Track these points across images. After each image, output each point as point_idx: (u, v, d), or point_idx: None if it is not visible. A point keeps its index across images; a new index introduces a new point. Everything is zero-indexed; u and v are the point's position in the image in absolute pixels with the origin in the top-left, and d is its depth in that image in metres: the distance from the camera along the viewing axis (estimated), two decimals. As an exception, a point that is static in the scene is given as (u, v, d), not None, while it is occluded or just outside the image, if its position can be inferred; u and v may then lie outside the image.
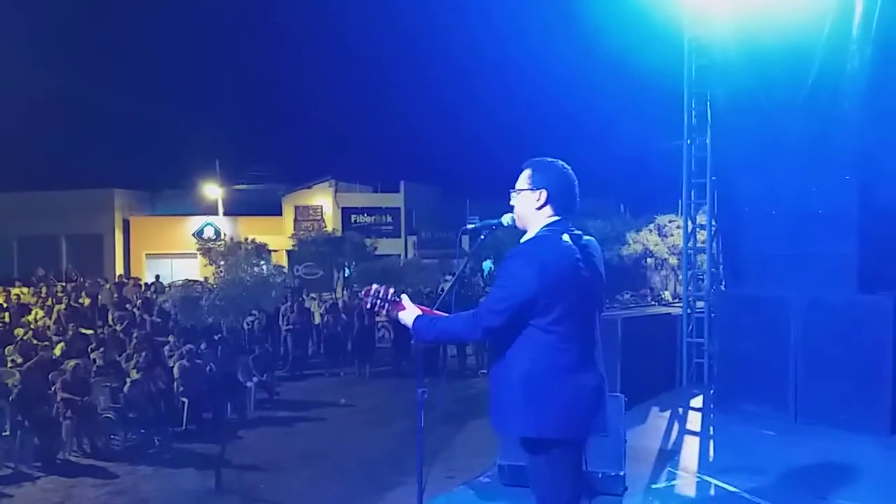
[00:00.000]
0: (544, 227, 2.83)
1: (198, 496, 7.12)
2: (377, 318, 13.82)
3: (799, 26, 7.23)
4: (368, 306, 3.02)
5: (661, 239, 22.84)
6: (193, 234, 28.37)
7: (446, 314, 3.00)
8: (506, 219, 3.01)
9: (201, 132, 31.24)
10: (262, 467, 7.91)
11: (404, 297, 3.01)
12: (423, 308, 3.01)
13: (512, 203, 2.94)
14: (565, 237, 2.78)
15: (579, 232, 2.86)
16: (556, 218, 2.83)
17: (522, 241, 2.87)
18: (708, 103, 9.02)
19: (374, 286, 3.04)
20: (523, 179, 2.89)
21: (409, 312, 2.95)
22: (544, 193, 2.83)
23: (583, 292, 2.76)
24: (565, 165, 2.90)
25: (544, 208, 2.84)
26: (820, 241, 6.96)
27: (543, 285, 2.66)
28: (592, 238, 2.93)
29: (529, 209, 2.86)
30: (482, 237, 3.13)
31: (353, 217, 31.08)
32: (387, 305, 2.98)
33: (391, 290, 3.00)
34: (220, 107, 37.71)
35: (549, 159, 2.92)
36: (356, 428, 9.68)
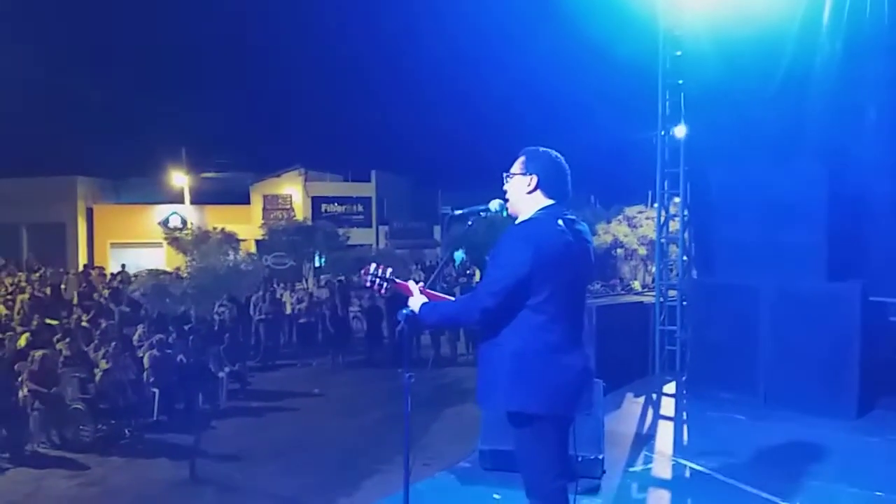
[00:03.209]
0: (539, 209, 2.89)
1: (171, 486, 7.03)
2: (376, 296, 13.78)
3: (770, 19, 7.37)
4: (367, 284, 3.09)
5: (631, 230, 23.18)
6: (159, 223, 27.88)
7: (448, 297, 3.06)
8: (493, 204, 3.06)
9: (167, 119, 30.73)
10: (235, 457, 7.83)
11: (411, 282, 3.09)
12: (426, 291, 3.06)
13: (505, 188, 3.00)
14: (559, 220, 2.85)
15: (573, 217, 2.93)
16: (551, 202, 2.90)
17: (517, 223, 2.92)
18: (682, 94, 9.13)
19: (373, 265, 3.16)
20: (516, 165, 2.97)
21: (416, 299, 3.01)
22: (535, 178, 2.90)
23: (573, 275, 2.83)
24: (558, 155, 2.99)
25: (535, 193, 2.91)
26: (790, 231, 7.11)
27: (537, 265, 2.71)
28: (585, 224, 3.01)
29: (520, 193, 2.93)
30: (469, 223, 3.18)
31: (323, 206, 30.81)
32: (385, 284, 3.06)
33: (389, 269, 3.07)
34: (187, 93, 37.08)
35: (543, 149, 3.00)
36: (329, 417, 9.65)
